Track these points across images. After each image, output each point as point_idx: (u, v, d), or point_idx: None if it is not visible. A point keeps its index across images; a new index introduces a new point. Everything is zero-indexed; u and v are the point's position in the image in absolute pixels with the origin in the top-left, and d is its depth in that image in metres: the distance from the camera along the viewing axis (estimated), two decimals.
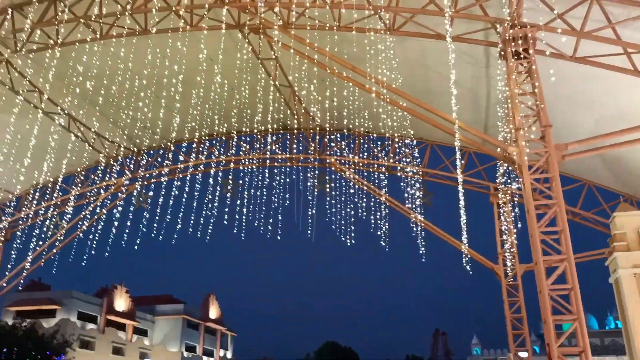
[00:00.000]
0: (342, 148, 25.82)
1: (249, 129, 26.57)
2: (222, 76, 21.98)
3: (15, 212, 30.02)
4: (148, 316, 70.76)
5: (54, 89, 22.64)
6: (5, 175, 26.92)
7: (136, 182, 28.91)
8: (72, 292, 59.29)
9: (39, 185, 29.39)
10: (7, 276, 29.48)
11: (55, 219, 29.78)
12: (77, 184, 29.06)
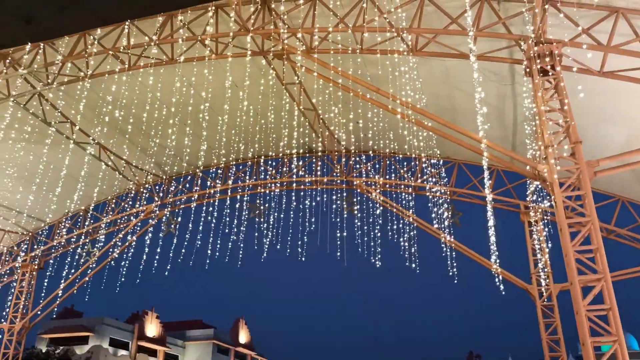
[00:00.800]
0: (367, 170, 25.75)
1: (274, 153, 26.76)
2: (248, 102, 22.28)
3: (48, 241, 30.65)
4: (178, 341, 70.98)
5: (85, 119, 23.25)
6: (38, 205, 27.59)
7: (165, 208, 29.28)
8: (104, 318, 59.96)
9: (71, 214, 30.02)
10: (41, 304, 29.98)
11: (87, 247, 30.31)
12: (108, 212, 29.60)
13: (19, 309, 29.63)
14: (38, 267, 30.41)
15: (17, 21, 2.52)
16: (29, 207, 27.61)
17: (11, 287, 30.19)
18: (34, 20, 2.59)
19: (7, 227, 29.20)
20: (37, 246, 30.64)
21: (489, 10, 15.95)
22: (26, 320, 29.67)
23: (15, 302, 29.77)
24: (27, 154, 23.89)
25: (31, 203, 27.10)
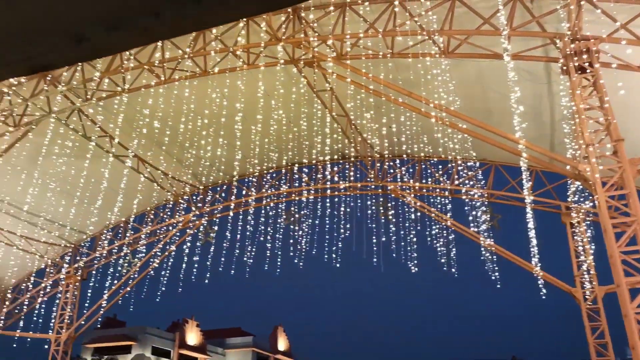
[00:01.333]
0: (402, 174, 25.55)
1: (307, 160, 26.84)
2: (280, 110, 22.44)
3: (90, 252, 31.46)
4: (219, 349, 71.74)
5: (123, 133, 23.83)
6: (80, 217, 28.37)
7: (202, 217, 29.71)
8: (146, 327, 61.09)
9: (112, 225, 30.76)
10: (85, 314, 30.76)
11: (128, 257, 30.98)
12: (147, 222, 30.21)
13: (64, 319, 30.46)
14: (81, 278, 31.22)
15: (68, 42, 2.61)
16: (72, 219, 28.42)
17: (56, 298, 31.09)
18: (85, 41, 2.68)
19: (50, 240, 30.11)
20: (80, 258, 31.48)
21: (521, 9, 15.67)
22: (71, 331, 30.48)
23: (60, 312, 30.62)
24: (69, 168, 24.62)
25: (73, 216, 27.89)
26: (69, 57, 1.28)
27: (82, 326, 31.11)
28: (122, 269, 30.73)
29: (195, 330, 66.53)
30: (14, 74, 1.30)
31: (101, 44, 1.24)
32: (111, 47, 1.28)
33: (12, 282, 30.45)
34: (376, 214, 24.71)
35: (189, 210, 29.63)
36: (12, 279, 30.06)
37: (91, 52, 1.26)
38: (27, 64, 1.20)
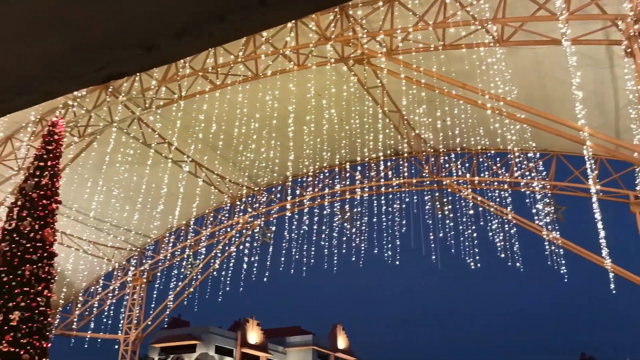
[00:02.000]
0: (457, 168, 25.03)
1: (360, 157, 26.74)
2: (331, 109, 22.47)
3: (154, 255, 32.57)
4: (279, 348, 72.67)
5: (180, 139, 24.54)
6: (144, 222, 29.42)
7: (259, 218, 30.18)
8: (209, 327, 62.69)
9: (173, 229, 31.74)
10: (151, 315, 31.89)
11: (190, 259, 31.88)
12: (206, 225, 30.99)
13: (132, 320, 31.69)
14: (147, 280, 32.38)
15: (140, 50, 2.70)
16: (136, 224, 29.51)
17: (124, 300, 32.38)
18: (155, 48, 2.76)
19: (117, 244, 31.39)
20: (145, 261, 32.66)
21: None
22: (139, 331, 31.66)
23: (128, 314, 31.87)
24: (131, 175, 25.57)
25: (137, 220, 28.96)
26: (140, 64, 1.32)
27: (149, 326, 32.29)
28: (185, 270, 31.68)
29: (256, 329, 67.67)
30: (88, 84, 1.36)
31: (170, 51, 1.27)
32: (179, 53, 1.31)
33: (83, 286, 31.96)
34: (432, 210, 24.34)
35: (246, 212, 30.16)
36: (83, 282, 31.54)
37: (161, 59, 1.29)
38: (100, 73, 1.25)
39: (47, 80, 1.18)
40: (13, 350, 10.17)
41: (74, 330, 31.45)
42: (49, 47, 1.09)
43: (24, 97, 1.20)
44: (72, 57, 1.16)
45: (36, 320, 10.76)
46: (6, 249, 11.16)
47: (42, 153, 12.18)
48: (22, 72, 1.15)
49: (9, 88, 1.17)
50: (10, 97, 1.19)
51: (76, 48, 1.18)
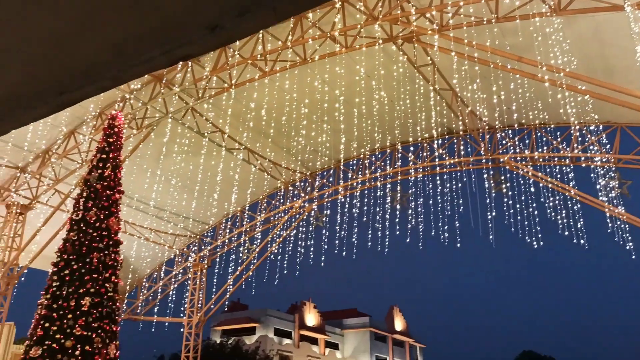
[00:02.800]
0: (515, 145, 24.25)
1: (412, 138, 26.37)
2: (381, 91, 22.21)
3: (212, 241, 33.44)
4: (337, 330, 73.41)
5: (233, 127, 24.94)
6: (201, 210, 30.22)
7: (312, 202, 30.37)
8: (267, 310, 64.04)
9: (229, 215, 32.45)
10: (212, 299, 32.87)
11: (246, 244, 32.56)
12: (261, 210, 31.50)
13: (194, 304, 32.77)
14: (207, 266, 33.35)
15: (204, 32, 2.74)
16: (194, 212, 30.35)
17: (186, 285, 33.50)
18: (219, 28, 2.78)
19: (177, 232, 32.41)
20: (204, 247, 33.60)
21: None
22: (201, 315, 32.72)
23: (190, 298, 32.96)
24: (187, 165, 26.24)
25: (195, 208, 29.76)
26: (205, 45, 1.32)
27: (210, 310, 33.29)
28: (242, 255, 32.40)
29: (313, 311, 68.56)
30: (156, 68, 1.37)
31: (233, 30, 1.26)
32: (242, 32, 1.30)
33: (147, 272, 33.25)
34: (489, 189, 23.74)
35: (299, 197, 30.41)
36: (147, 269, 32.81)
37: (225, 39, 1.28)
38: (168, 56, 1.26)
39: (117, 66, 1.20)
40: (86, 333, 10.68)
41: (141, 315, 32.85)
42: (119, 30, 1.11)
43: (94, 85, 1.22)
44: (142, 40, 1.17)
45: (105, 305, 11.27)
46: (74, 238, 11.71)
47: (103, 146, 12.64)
48: (92, 59, 1.17)
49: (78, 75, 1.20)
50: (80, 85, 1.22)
51: (145, 31, 1.19)
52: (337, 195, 29.17)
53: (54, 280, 11.44)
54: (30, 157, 23.98)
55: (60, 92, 1.21)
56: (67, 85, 1.22)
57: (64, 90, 1.21)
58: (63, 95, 1.22)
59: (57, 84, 1.22)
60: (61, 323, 10.64)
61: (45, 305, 11.03)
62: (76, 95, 1.24)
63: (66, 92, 1.21)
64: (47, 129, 22.71)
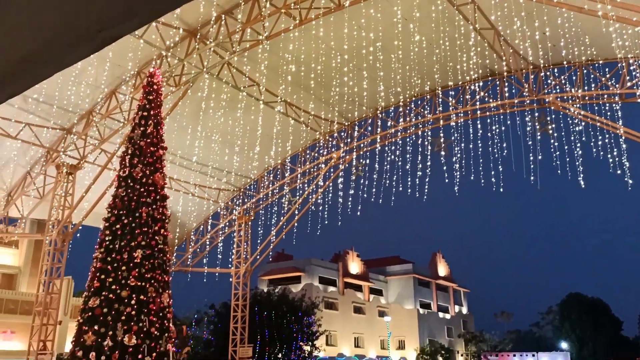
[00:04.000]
0: (561, 83, 23.29)
1: (453, 82, 25.67)
2: (419, 34, 21.53)
3: (255, 194, 34.03)
4: (380, 277, 74.53)
5: (269, 80, 24.81)
6: (244, 164, 30.63)
7: (352, 152, 30.28)
8: (312, 259, 65.42)
9: (270, 168, 32.80)
10: (257, 250, 33.74)
11: (288, 196, 32.99)
12: (301, 162, 31.68)
13: (240, 255, 33.75)
14: (251, 218, 34.09)
15: None
16: (236, 166, 30.83)
17: (232, 237, 34.43)
18: None
19: (221, 186, 33.08)
20: (247, 200, 34.26)
21: None
22: (248, 265, 33.72)
23: (236, 249, 33.94)
24: (227, 120, 26.45)
25: (237, 163, 30.20)
26: None
27: (256, 261, 34.26)
28: (285, 207, 32.90)
29: (357, 260, 69.61)
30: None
31: None
32: None
33: (194, 226, 34.28)
34: (533, 131, 23.04)
35: (339, 147, 30.35)
36: (193, 222, 33.81)
37: None
38: None
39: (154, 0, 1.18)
40: (140, 284, 11.15)
41: (190, 267, 34.11)
42: None
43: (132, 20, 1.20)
44: None
45: (156, 257, 11.70)
46: (123, 194, 12.08)
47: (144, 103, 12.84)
48: None
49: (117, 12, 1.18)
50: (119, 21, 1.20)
51: None
52: (375, 144, 28.96)
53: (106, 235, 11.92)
54: (75, 118, 24.63)
55: (99, 29, 1.20)
56: (105, 22, 1.21)
57: (103, 28, 1.20)
58: (103, 32, 1.21)
59: (96, 21, 1.21)
60: (116, 275, 11.15)
61: (100, 259, 11.55)
62: (115, 31, 1.23)
63: (105, 28, 1.20)
64: (88, 90, 23.20)
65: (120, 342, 10.53)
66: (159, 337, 11.26)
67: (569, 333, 66.87)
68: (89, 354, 10.38)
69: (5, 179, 26.24)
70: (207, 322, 44.88)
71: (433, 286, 76.81)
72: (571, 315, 66.75)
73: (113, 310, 10.76)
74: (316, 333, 43.61)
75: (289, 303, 43.09)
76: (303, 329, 41.79)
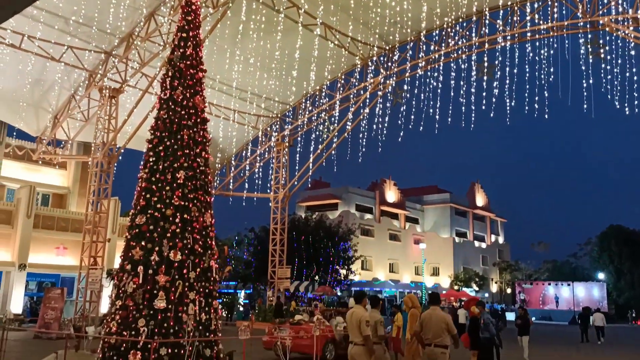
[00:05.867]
0: (617, 4, 21.77)
1: (502, 2, 24.32)
2: None
3: (293, 121, 34.01)
4: (417, 206, 74.90)
5: (309, 1, 24.06)
6: (281, 89, 30.42)
7: (391, 78, 29.59)
8: (349, 187, 66.00)
9: (309, 94, 32.50)
10: (295, 176, 34.16)
11: (326, 123, 32.86)
12: (339, 89, 31.22)
13: (279, 181, 34.30)
14: (289, 145, 34.29)
15: None
16: (274, 92, 30.68)
17: (270, 163, 34.87)
18: None
19: (260, 112, 33.14)
20: (285, 126, 34.33)
21: None
22: (286, 190, 34.30)
23: (275, 175, 34.45)
24: (265, 43, 26.02)
25: (275, 88, 30.03)
26: None
27: (294, 187, 34.77)
28: (322, 134, 32.86)
29: (393, 188, 69.86)
30: None
31: None
32: None
33: (234, 151, 34.79)
34: (585, 55, 21.87)
35: (378, 73, 29.66)
36: (233, 148, 34.28)
37: None
38: None
39: None
40: (183, 203, 11.51)
41: (231, 191, 34.96)
42: None
43: None
44: None
45: (198, 178, 11.96)
46: (165, 116, 12.22)
47: (183, 24, 12.66)
48: None
49: None
50: None
51: None
52: (417, 70, 28.15)
53: (150, 156, 12.19)
54: (115, 41, 24.71)
55: None
56: None
57: None
58: None
59: None
60: (160, 194, 11.49)
61: (144, 179, 11.88)
62: None
63: None
64: (127, 11, 23.07)
65: (166, 258, 11.02)
66: (203, 254, 11.74)
67: (607, 264, 66.51)
68: (137, 268, 10.94)
69: (50, 102, 26.94)
70: (247, 244, 46.59)
71: (470, 215, 76.83)
72: (610, 247, 66.09)
73: (159, 228, 11.19)
74: (352, 258, 44.75)
75: (326, 229, 44.06)
76: (339, 254, 42.94)
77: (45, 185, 31.54)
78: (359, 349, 7.62)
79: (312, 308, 21.30)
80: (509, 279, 73.41)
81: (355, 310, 7.95)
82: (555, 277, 68.73)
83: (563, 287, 60.32)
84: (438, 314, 8.37)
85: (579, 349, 25.20)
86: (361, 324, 7.58)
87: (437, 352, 8.00)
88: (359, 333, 7.64)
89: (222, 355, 11.77)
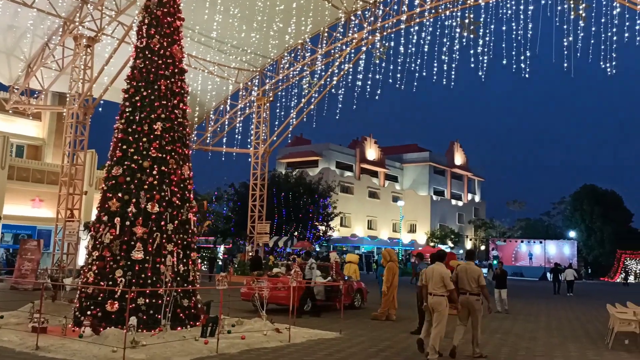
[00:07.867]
0: None
1: None
2: None
3: (274, 75, 33.48)
4: (396, 164, 75.37)
5: None
6: (262, 42, 29.78)
7: (375, 34, 29.14)
8: (329, 144, 65.94)
9: (290, 48, 31.89)
10: (275, 132, 33.90)
11: (307, 78, 32.42)
12: (322, 43, 30.68)
13: (259, 136, 34.03)
14: (269, 100, 33.85)
15: None
16: (255, 44, 30.03)
17: (251, 118, 34.49)
18: None
19: (241, 66, 32.50)
20: (266, 81, 33.80)
21: None
22: (266, 146, 34.10)
23: (255, 131, 34.15)
24: None
25: (256, 40, 29.38)
26: None
27: (274, 142, 34.58)
28: (304, 89, 32.49)
29: (374, 146, 70.01)
30: None
31: None
32: None
33: (213, 105, 34.26)
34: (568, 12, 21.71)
35: (362, 28, 29.15)
36: (212, 102, 33.74)
37: None
38: None
39: None
40: (161, 155, 11.39)
41: (210, 145, 34.63)
42: None
43: None
44: None
45: (176, 130, 11.80)
46: (141, 65, 11.95)
47: None
48: None
49: None
50: None
51: None
52: (400, 25, 27.73)
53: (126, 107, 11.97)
54: None
55: None
56: None
57: None
58: None
59: None
60: (137, 145, 11.34)
61: (120, 129, 11.69)
62: None
63: None
64: None
65: (143, 210, 10.99)
66: (181, 207, 11.74)
67: (579, 223, 68.35)
68: (114, 219, 10.91)
69: (23, 49, 26.02)
70: (226, 200, 46.57)
71: (448, 174, 77.73)
72: (582, 206, 67.79)
73: (136, 180, 11.11)
74: (331, 214, 45.13)
75: (306, 185, 44.17)
76: (319, 210, 43.22)
77: (19, 136, 30.82)
78: (439, 299, 9.00)
79: (290, 262, 21.59)
80: (484, 236, 75.10)
81: (436, 267, 9.27)
82: (528, 235, 70.49)
83: (535, 245, 61.97)
84: (473, 268, 9.74)
85: (551, 300, 26.98)
86: (445, 279, 8.97)
87: (472, 300, 9.50)
88: (441, 286, 8.98)
89: (199, 305, 11.90)
